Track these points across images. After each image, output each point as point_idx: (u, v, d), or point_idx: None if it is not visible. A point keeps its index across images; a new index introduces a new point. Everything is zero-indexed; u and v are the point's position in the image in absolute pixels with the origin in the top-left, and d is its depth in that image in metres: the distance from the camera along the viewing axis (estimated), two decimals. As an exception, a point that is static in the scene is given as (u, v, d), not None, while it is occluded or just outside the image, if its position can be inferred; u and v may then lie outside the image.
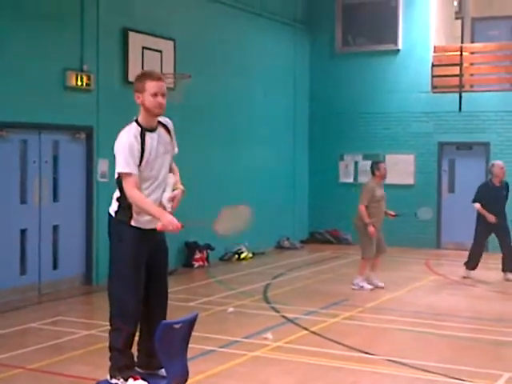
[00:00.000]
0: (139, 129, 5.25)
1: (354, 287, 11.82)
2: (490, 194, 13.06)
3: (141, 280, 5.26)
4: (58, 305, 10.58)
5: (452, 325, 9.56)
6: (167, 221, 5.17)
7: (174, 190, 5.46)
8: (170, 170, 5.52)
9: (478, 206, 13.10)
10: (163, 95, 5.28)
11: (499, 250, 13.44)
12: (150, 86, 5.25)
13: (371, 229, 11.48)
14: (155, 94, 5.24)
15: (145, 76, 5.37)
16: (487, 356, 8.14)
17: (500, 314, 10.26)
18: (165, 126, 5.47)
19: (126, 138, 5.18)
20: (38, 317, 9.69)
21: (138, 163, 5.19)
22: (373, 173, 11.88)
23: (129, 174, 5.14)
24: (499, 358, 8.03)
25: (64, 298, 11.06)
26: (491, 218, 12.89)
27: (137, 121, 5.31)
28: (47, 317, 9.71)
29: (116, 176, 5.31)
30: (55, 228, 11.61)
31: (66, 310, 10.19)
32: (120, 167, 5.16)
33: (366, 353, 8.10)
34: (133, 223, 5.28)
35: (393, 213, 12.06)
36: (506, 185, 13.38)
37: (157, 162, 5.33)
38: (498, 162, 13.32)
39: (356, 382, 6.95)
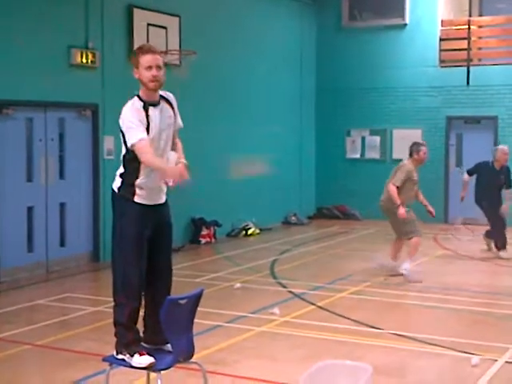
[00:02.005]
0: (141, 103, 5.22)
1: (404, 272, 10.59)
2: (487, 176, 12.76)
3: (143, 255, 5.24)
4: (66, 282, 10.63)
5: (460, 299, 9.55)
6: (170, 170, 5.15)
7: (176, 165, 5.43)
8: (173, 145, 5.48)
9: (465, 177, 13.03)
10: (158, 67, 5.21)
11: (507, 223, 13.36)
12: (144, 59, 5.19)
13: (402, 210, 10.44)
14: (149, 67, 5.19)
15: (138, 50, 5.31)
16: (495, 330, 8.15)
17: (508, 288, 10.24)
18: (167, 101, 5.43)
19: (131, 110, 5.14)
20: (46, 294, 9.75)
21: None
22: (411, 154, 10.91)
23: (142, 140, 5.08)
24: (507, 332, 8.02)
25: (71, 275, 11.12)
26: (462, 198, 13.00)
27: (138, 96, 5.27)
28: (55, 294, 9.77)
29: (123, 152, 5.26)
30: (62, 206, 11.63)
31: (74, 287, 10.24)
32: (132, 139, 5.09)
33: (374, 327, 8.12)
34: (136, 199, 5.26)
35: (432, 210, 11.02)
36: (508, 170, 12.92)
37: (161, 136, 5.30)
38: (503, 147, 12.95)
39: (363, 355, 6.96)
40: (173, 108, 5.44)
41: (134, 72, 5.26)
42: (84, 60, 11.64)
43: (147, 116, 5.18)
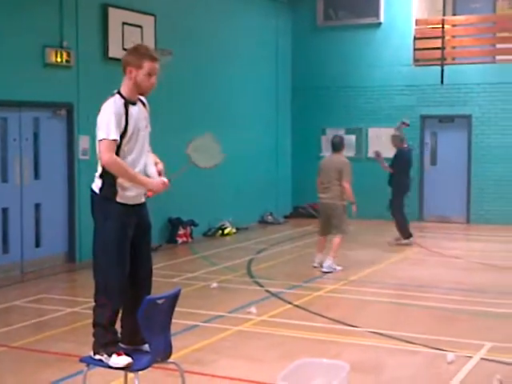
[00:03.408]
0: (123, 101, 5.22)
1: (325, 270, 11.10)
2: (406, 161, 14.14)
3: (126, 256, 5.24)
4: (41, 283, 10.56)
5: (434, 296, 9.65)
6: (156, 184, 5.26)
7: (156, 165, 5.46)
8: None
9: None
10: (156, 75, 5.30)
11: (480, 221, 13.53)
12: (148, 66, 5.23)
13: (355, 207, 11.28)
14: (150, 75, 5.24)
15: (144, 54, 5.29)
16: (469, 326, 8.22)
17: (481, 285, 10.35)
18: (143, 103, 5.44)
19: (113, 108, 5.12)
20: (22, 295, 9.67)
21: (122, 133, 5.15)
22: (343, 147, 11.49)
23: (111, 141, 5.09)
24: (481, 328, 8.11)
25: (47, 275, 11.04)
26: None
27: (119, 93, 5.26)
28: (30, 295, 9.70)
29: (98, 150, 5.26)
30: (37, 206, 11.55)
31: (50, 288, 10.18)
32: (104, 134, 5.09)
33: (349, 325, 8.17)
34: (118, 199, 5.25)
35: None
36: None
37: (140, 134, 5.30)
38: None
39: (339, 353, 7.01)
40: (147, 110, 5.47)
41: (129, 70, 5.23)
42: (59, 59, 11.57)
43: (127, 114, 5.19)
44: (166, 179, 5.36)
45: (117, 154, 5.17)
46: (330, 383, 5.03)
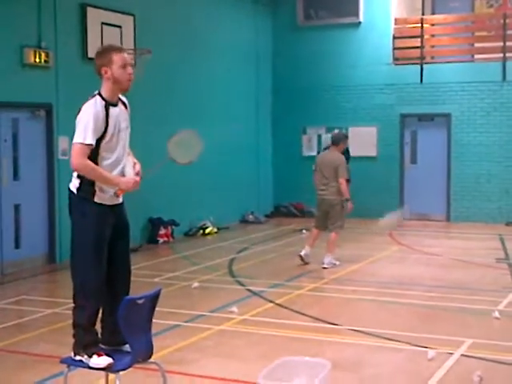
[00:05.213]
0: (103, 102, 5.18)
1: (326, 266, 11.37)
2: None
3: (104, 256, 5.22)
4: (21, 284, 10.50)
5: (415, 293, 9.68)
6: (125, 182, 5.19)
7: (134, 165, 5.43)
8: None
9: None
10: (132, 66, 5.25)
11: (460, 219, 13.61)
12: (118, 58, 5.18)
13: (351, 204, 11.50)
14: (124, 66, 5.19)
15: (109, 49, 5.29)
16: (450, 323, 8.27)
17: (462, 282, 10.41)
18: (124, 104, 5.42)
19: (93, 109, 5.09)
20: (1, 296, 9.61)
21: (101, 136, 5.12)
22: (338, 144, 11.64)
23: (86, 145, 5.05)
24: (461, 325, 8.16)
25: (27, 277, 10.97)
26: None
27: (100, 95, 5.23)
28: (10, 296, 9.65)
29: (71, 151, 5.22)
30: (17, 207, 11.48)
31: (29, 289, 10.12)
32: (80, 138, 5.06)
33: (331, 323, 8.19)
34: (96, 199, 5.22)
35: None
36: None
37: (120, 136, 5.27)
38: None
39: (321, 351, 7.01)
40: (127, 111, 5.44)
41: (104, 70, 5.20)
42: (37, 59, 11.51)
43: (107, 116, 5.15)
44: (137, 177, 5.31)
45: (96, 155, 5.14)
46: (311, 381, 5.04)
